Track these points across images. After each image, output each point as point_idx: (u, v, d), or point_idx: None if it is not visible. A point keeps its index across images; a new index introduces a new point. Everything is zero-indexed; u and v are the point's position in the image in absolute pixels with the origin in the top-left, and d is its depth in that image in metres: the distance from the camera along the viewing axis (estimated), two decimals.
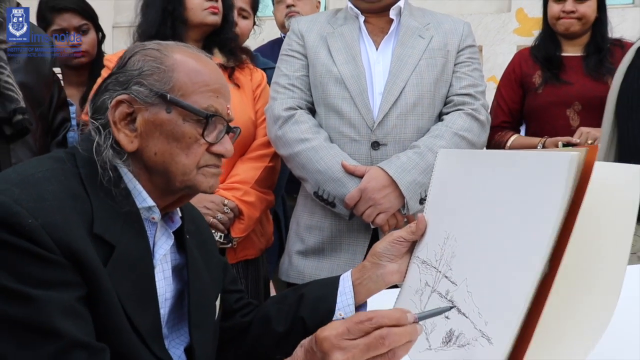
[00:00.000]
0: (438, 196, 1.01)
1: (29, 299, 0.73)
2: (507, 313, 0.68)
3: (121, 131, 0.89)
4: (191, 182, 0.91)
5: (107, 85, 0.91)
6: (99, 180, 0.86)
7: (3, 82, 1.48)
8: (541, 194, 0.67)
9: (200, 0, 1.72)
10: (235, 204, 1.65)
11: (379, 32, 1.66)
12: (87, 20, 2.16)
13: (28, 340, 0.73)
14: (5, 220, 0.75)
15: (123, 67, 0.92)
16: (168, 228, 0.96)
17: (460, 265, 0.83)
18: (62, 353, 0.73)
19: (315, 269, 1.61)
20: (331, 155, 1.55)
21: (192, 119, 0.89)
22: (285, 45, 1.73)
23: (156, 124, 0.89)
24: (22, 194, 0.77)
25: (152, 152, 0.89)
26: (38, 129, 1.65)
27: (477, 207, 0.83)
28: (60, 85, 1.85)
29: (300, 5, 2.53)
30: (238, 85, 1.76)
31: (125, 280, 0.83)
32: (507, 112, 2.23)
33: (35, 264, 0.75)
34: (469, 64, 1.66)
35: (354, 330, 0.69)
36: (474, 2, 5.61)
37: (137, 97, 0.88)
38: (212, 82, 0.92)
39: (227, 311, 1.10)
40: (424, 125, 1.59)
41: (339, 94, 1.59)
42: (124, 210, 0.86)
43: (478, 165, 0.89)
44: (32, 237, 0.75)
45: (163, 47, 0.93)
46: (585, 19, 2.11)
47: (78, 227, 0.79)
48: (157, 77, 0.89)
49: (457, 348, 0.77)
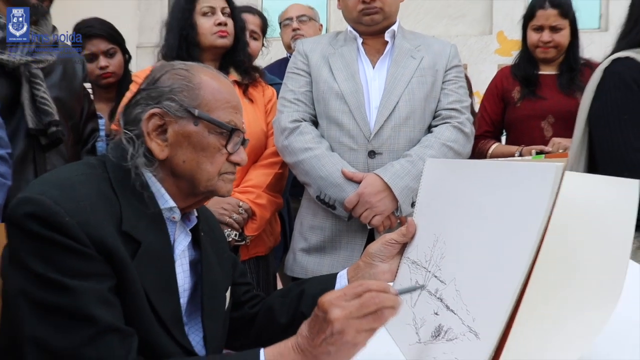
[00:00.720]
0: (426, 202, 1.00)
1: (67, 288, 0.74)
2: (494, 310, 0.67)
3: (153, 141, 0.90)
4: (213, 187, 0.93)
5: (139, 100, 0.92)
6: (127, 184, 0.86)
7: (39, 98, 1.48)
8: (527, 200, 0.67)
9: (210, 25, 1.72)
10: (249, 205, 1.66)
11: (375, 52, 1.66)
12: (113, 44, 2.16)
13: (66, 325, 0.74)
14: (47, 218, 0.75)
15: (154, 84, 0.93)
16: (186, 226, 0.96)
17: (449, 266, 0.82)
18: (98, 336, 0.74)
19: (317, 264, 1.60)
20: (332, 163, 1.55)
21: (216, 131, 0.91)
22: (291, 64, 1.73)
23: (185, 135, 0.90)
24: (61, 195, 0.78)
25: (181, 160, 0.90)
26: (70, 138, 1.65)
27: (466, 212, 0.83)
28: (90, 99, 1.85)
29: (305, 28, 2.54)
30: (252, 100, 1.76)
31: (150, 273, 0.84)
32: (490, 123, 2.25)
33: (72, 257, 0.76)
34: (455, 82, 1.66)
35: (349, 294, 0.73)
36: (459, 25, 5.62)
37: (168, 111, 0.90)
38: (231, 100, 0.94)
39: (236, 302, 1.10)
40: (415, 137, 1.58)
41: (339, 108, 1.59)
42: (150, 212, 0.87)
43: (466, 173, 0.88)
44: (70, 234, 0.76)
45: (190, 67, 0.95)
46: (560, 47, 2.14)
47: (109, 225, 0.80)
48: (187, 94, 0.91)
49: (446, 342, 0.76)
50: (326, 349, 0.72)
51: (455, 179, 0.91)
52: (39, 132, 1.49)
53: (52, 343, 0.73)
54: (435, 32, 5.10)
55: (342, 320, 0.70)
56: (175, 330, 0.87)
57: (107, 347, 0.74)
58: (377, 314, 0.71)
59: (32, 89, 1.49)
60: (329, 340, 0.71)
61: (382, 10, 1.60)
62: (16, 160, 1.43)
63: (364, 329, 0.71)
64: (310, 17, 2.60)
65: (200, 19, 1.73)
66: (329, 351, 0.72)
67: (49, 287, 0.74)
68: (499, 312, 0.66)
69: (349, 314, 0.71)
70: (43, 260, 0.75)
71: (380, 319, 0.72)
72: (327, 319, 0.71)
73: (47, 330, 0.73)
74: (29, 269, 0.75)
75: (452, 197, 0.89)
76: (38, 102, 1.48)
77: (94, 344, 0.73)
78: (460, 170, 0.92)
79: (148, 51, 5.21)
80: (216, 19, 1.73)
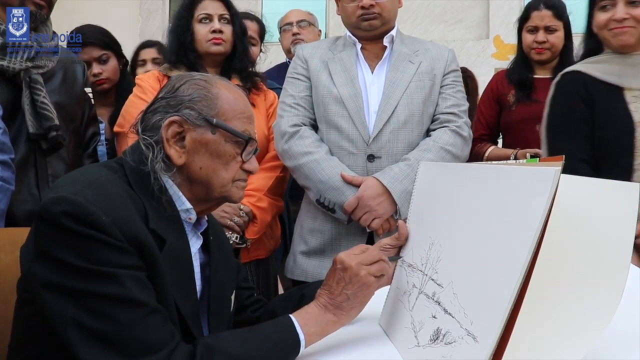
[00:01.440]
0: (420, 205, 1.00)
1: (109, 276, 0.77)
2: (491, 314, 0.67)
3: (172, 147, 0.91)
4: (227, 193, 0.96)
5: (158, 108, 0.94)
6: (145, 187, 0.88)
7: (40, 103, 1.48)
8: (524, 203, 0.67)
9: (205, 32, 1.75)
10: (250, 209, 1.66)
11: (374, 57, 1.67)
12: (106, 50, 2.15)
13: (114, 311, 0.76)
14: (84, 218, 0.78)
15: (174, 93, 0.95)
16: (197, 230, 0.98)
17: (446, 269, 0.82)
18: (146, 317, 0.77)
19: (317, 267, 1.60)
20: (331, 166, 1.55)
21: (232, 140, 0.94)
22: (291, 68, 1.73)
23: (202, 143, 0.92)
24: (94, 195, 0.80)
25: (198, 167, 0.93)
26: (71, 142, 1.65)
27: (461, 215, 0.83)
28: (90, 104, 1.85)
29: (304, 33, 2.54)
30: (254, 104, 1.77)
31: (173, 270, 0.86)
32: (486, 126, 2.26)
33: (109, 251, 0.78)
34: (453, 86, 1.66)
35: (356, 249, 0.94)
36: (456, 30, 5.64)
37: (187, 119, 0.92)
38: (246, 111, 0.97)
39: (239, 306, 1.11)
40: (413, 140, 1.59)
41: (338, 112, 1.59)
42: (168, 213, 0.89)
43: (461, 176, 0.88)
44: (106, 231, 0.78)
45: (208, 79, 0.97)
46: (554, 48, 2.16)
47: (139, 221, 0.83)
48: (205, 104, 0.93)
49: (444, 345, 0.76)
50: (345, 296, 0.89)
51: (449, 182, 0.91)
52: (40, 137, 1.49)
53: (106, 330, 0.75)
54: (432, 37, 5.12)
55: (357, 265, 0.90)
56: (194, 327, 0.90)
57: (156, 326, 0.78)
58: (379, 264, 0.92)
59: (32, 95, 1.49)
60: (347, 287, 0.89)
61: (381, 16, 1.61)
62: (17, 165, 1.43)
63: (372, 274, 0.90)
64: (309, 22, 2.61)
65: (197, 25, 1.76)
66: (348, 297, 0.89)
67: (90, 278, 0.76)
68: (497, 315, 0.66)
69: (361, 260, 0.91)
70: (81, 254, 0.77)
71: (381, 267, 0.92)
72: (345, 267, 0.90)
73: (93, 319, 0.75)
74: (65, 264, 0.77)
75: (447, 200, 0.89)
76: (38, 107, 1.48)
77: (144, 323, 0.77)
78: (454, 173, 0.92)
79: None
80: (212, 26, 1.75)
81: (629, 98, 1.54)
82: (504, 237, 0.70)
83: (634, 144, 1.50)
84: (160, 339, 0.77)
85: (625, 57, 1.56)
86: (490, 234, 0.73)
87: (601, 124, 1.54)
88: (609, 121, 1.53)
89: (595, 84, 1.56)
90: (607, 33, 1.56)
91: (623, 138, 1.51)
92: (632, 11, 1.51)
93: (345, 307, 0.89)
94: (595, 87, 1.55)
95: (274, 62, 2.72)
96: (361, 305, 0.91)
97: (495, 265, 0.70)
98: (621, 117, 1.52)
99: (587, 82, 1.56)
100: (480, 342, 0.68)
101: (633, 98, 1.54)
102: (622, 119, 1.52)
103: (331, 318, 0.89)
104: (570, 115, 1.57)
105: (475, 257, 0.76)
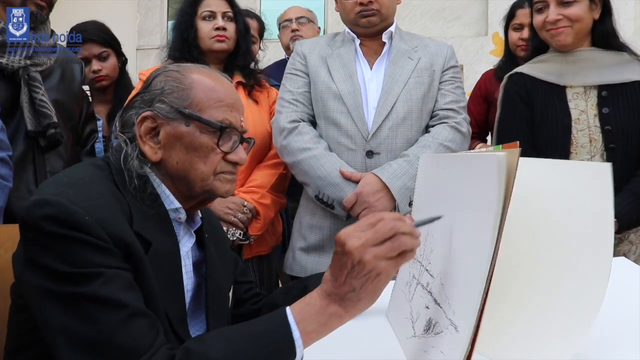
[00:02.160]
0: (420, 197, 1.01)
1: (92, 278, 0.74)
2: (468, 303, 0.67)
3: (146, 144, 0.89)
4: (209, 187, 0.91)
5: (134, 103, 0.92)
6: (128, 187, 0.86)
7: (38, 101, 1.48)
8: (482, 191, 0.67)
9: (208, 29, 1.74)
10: (254, 205, 1.67)
11: (373, 53, 1.66)
12: (106, 47, 2.14)
13: (96, 313, 0.73)
14: (66, 219, 0.75)
15: (148, 87, 0.93)
16: (190, 228, 0.96)
17: (437, 260, 0.83)
18: (128, 319, 0.74)
19: (316, 263, 1.60)
20: (330, 162, 1.55)
21: (208, 131, 0.90)
22: (289, 64, 1.73)
23: (177, 137, 0.89)
24: (77, 195, 0.78)
25: (174, 162, 0.90)
26: (69, 140, 1.65)
27: (445, 205, 0.83)
28: (88, 101, 1.85)
29: (304, 30, 2.54)
30: (256, 101, 1.78)
31: (159, 272, 0.84)
32: (475, 124, 2.30)
33: (93, 252, 0.76)
34: (452, 82, 1.66)
35: (363, 224, 0.71)
36: (455, 27, 5.63)
37: (159, 113, 0.89)
38: (226, 98, 0.93)
39: (237, 300, 1.10)
40: (412, 136, 1.59)
41: (337, 108, 1.59)
42: (153, 212, 0.87)
43: (443, 167, 0.89)
44: (89, 231, 0.76)
45: (182, 69, 0.94)
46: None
47: (124, 223, 0.81)
48: (177, 95, 0.90)
49: (434, 335, 0.76)
50: (351, 286, 0.70)
51: (439, 173, 0.92)
52: (38, 134, 1.49)
53: (85, 334, 0.73)
54: (431, 34, 5.11)
55: (360, 249, 0.69)
56: (181, 330, 0.87)
57: (139, 330, 0.74)
58: (394, 240, 0.69)
59: (30, 92, 1.49)
60: (351, 275, 0.70)
61: (379, 12, 1.61)
62: (16, 162, 1.43)
63: (383, 256, 0.69)
64: (309, 19, 2.61)
65: (201, 22, 1.76)
66: (353, 288, 0.70)
67: (73, 282, 0.74)
68: (471, 304, 0.65)
69: (365, 241, 0.69)
70: (64, 259, 0.74)
71: (397, 245, 0.69)
72: (345, 251, 0.70)
73: (78, 323, 0.73)
74: (50, 270, 0.75)
75: (436, 191, 0.90)
76: (37, 105, 1.48)
77: (125, 328, 0.73)
78: (440, 163, 0.92)
79: (148, 53, 5.23)
80: (215, 23, 1.74)
81: (570, 96, 1.57)
82: (471, 227, 0.70)
83: (571, 142, 1.54)
84: (142, 345, 0.73)
85: (566, 55, 1.59)
86: (464, 224, 0.74)
87: (540, 124, 1.58)
88: (547, 121, 1.57)
89: (537, 84, 1.60)
90: (546, 34, 1.59)
91: (560, 137, 1.55)
92: (564, 11, 1.53)
93: (352, 298, 0.71)
94: (537, 87, 1.60)
95: (272, 60, 2.72)
96: (372, 295, 0.72)
97: (468, 254, 0.70)
98: (559, 117, 1.56)
99: (528, 83, 1.61)
100: (460, 332, 0.68)
101: (574, 95, 1.57)
102: (560, 119, 1.55)
103: (336, 310, 0.72)
104: (512, 117, 1.62)
105: (454, 247, 0.76)
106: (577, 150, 1.54)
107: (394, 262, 0.70)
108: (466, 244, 0.71)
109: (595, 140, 1.53)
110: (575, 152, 1.54)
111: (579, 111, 1.55)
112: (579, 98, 1.56)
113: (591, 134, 1.54)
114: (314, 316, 0.73)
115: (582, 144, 1.54)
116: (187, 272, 0.95)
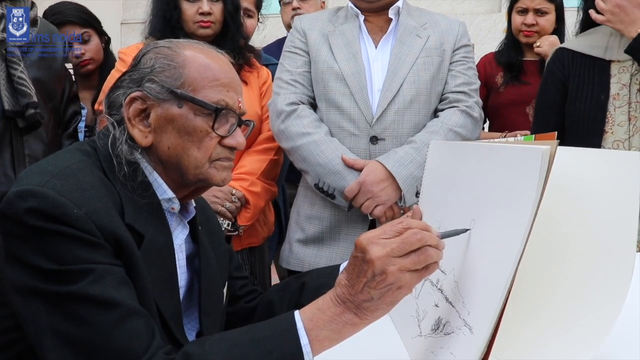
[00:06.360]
0: (430, 186, 0.99)
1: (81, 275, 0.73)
2: (486, 304, 0.66)
3: (135, 127, 0.87)
4: (203, 175, 0.89)
5: (122, 83, 0.90)
6: (117, 174, 0.84)
7: (17, 78, 1.47)
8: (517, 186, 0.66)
9: (192, 13, 1.72)
10: (243, 193, 1.66)
11: (378, 30, 1.63)
12: (87, 28, 2.10)
13: (89, 314, 0.72)
14: (52, 212, 0.74)
15: (137, 65, 0.90)
16: (184, 219, 0.94)
17: (449, 255, 0.80)
18: (123, 319, 0.73)
19: (314, 257, 1.59)
20: (331, 149, 1.52)
21: (203, 113, 0.87)
22: (288, 42, 1.70)
23: (168, 119, 0.87)
24: (64, 185, 0.76)
25: (166, 147, 0.87)
26: (50, 121, 1.64)
27: (464, 197, 0.82)
28: (71, 80, 1.83)
29: (306, 7, 2.51)
30: (246, 82, 1.76)
31: (153, 267, 0.83)
32: None
33: (81, 247, 0.74)
34: (464, 62, 1.63)
35: (389, 231, 0.70)
36: (466, 2, 5.56)
37: (149, 93, 0.87)
38: (222, 77, 0.90)
39: (232, 297, 1.10)
40: (420, 121, 1.56)
41: (339, 90, 1.56)
42: (145, 202, 0.85)
43: (464, 155, 0.87)
44: (78, 225, 0.74)
45: (174, 45, 0.91)
46: (543, 32, 2.21)
47: (116, 215, 0.79)
48: (168, 74, 0.87)
49: (444, 336, 0.75)
50: (368, 295, 0.69)
51: (454, 162, 0.90)
52: (16, 114, 1.48)
53: (77, 335, 0.72)
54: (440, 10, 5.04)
55: (384, 259, 0.67)
56: (176, 328, 0.87)
57: (134, 331, 0.73)
58: (420, 253, 0.68)
59: (8, 69, 1.48)
60: (370, 284, 0.68)
61: None
62: None
63: (407, 269, 0.68)
64: None
65: (185, 3, 1.72)
66: (371, 297, 0.69)
67: (62, 280, 0.73)
68: (491, 305, 0.65)
69: (390, 251, 0.68)
70: (51, 255, 0.73)
71: (424, 258, 0.68)
72: (366, 259, 0.68)
73: (68, 324, 0.72)
74: (35, 267, 0.73)
75: (452, 182, 0.89)
76: (15, 83, 1.48)
77: (120, 329, 0.72)
78: (459, 152, 0.91)
79: (133, 28, 5.15)
80: (199, 7, 1.71)
81: (614, 70, 1.56)
82: (499, 222, 0.69)
83: (606, 120, 1.54)
84: (137, 348, 0.72)
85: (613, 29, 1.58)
86: (486, 219, 0.72)
87: (572, 101, 1.60)
88: (580, 98, 1.58)
89: (578, 59, 1.61)
90: None
91: (592, 114, 1.55)
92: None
93: (369, 307, 0.70)
94: (577, 62, 1.61)
95: (269, 35, 2.68)
96: (390, 306, 0.71)
97: (491, 252, 0.69)
98: (594, 93, 1.56)
99: (567, 60, 1.63)
100: (475, 334, 0.67)
101: (621, 69, 1.55)
102: (596, 95, 1.56)
103: (351, 318, 0.71)
104: (544, 91, 1.68)
105: (474, 243, 0.75)
106: (614, 129, 1.52)
107: (418, 275, 0.69)
108: (491, 240, 0.70)
109: (636, 118, 1.50)
110: (610, 130, 1.52)
111: (621, 85, 1.53)
112: (624, 72, 1.54)
113: (631, 111, 1.51)
114: (327, 323, 0.71)
115: (619, 122, 1.52)
116: (181, 266, 0.94)
